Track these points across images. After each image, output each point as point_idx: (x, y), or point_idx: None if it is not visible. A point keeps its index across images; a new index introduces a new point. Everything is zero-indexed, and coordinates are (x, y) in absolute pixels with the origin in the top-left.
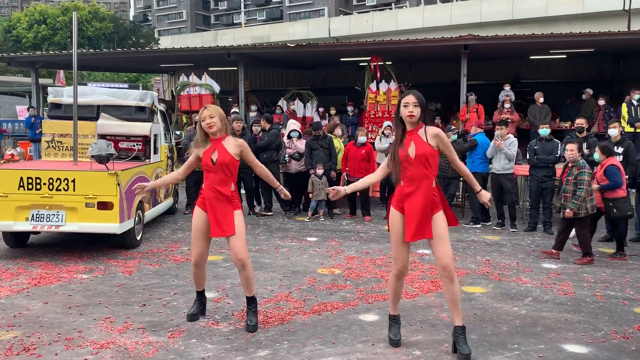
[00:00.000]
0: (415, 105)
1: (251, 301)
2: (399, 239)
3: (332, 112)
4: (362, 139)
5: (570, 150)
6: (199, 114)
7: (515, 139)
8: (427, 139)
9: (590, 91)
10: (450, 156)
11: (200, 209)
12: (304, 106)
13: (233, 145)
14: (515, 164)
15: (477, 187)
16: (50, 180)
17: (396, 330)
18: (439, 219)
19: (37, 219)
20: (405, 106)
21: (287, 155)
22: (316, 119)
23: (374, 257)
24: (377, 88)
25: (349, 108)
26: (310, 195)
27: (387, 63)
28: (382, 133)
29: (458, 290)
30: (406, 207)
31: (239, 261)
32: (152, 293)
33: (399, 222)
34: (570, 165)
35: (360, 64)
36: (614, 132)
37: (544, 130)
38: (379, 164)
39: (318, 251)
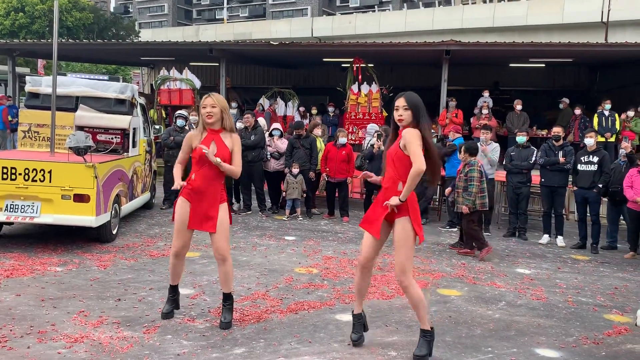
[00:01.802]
0: (405, 109)
1: (227, 298)
2: (367, 234)
3: (314, 112)
4: (342, 140)
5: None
6: (202, 100)
7: (497, 144)
8: (400, 139)
9: (566, 100)
10: (410, 154)
11: (185, 200)
12: (285, 105)
13: (230, 141)
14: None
15: (404, 197)
16: (26, 171)
17: (357, 329)
18: (398, 227)
19: (12, 210)
20: (395, 109)
21: (268, 154)
22: (297, 118)
23: (352, 257)
24: (359, 90)
25: (330, 109)
26: (284, 193)
27: (369, 65)
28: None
29: (415, 298)
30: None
31: (219, 255)
32: (127, 288)
33: (373, 214)
34: (463, 163)
35: (343, 65)
36: (590, 141)
37: (521, 138)
38: (359, 167)
39: (296, 250)
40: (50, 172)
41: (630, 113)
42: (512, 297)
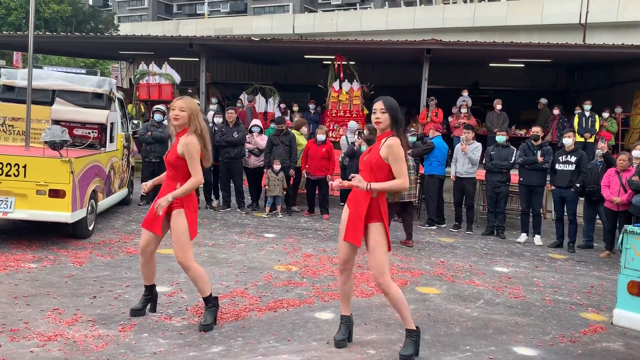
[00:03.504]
0: (382, 112)
1: (207, 300)
2: (341, 234)
3: (295, 109)
4: (320, 136)
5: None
6: (172, 102)
7: (479, 144)
8: (380, 148)
9: (544, 101)
10: (394, 171)
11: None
12: (266, 101)
13: (182, 143)
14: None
15: (376, 187)
16: (0, 165)
17: (343, 331)
18: (372, 230)
19: None
20: (373, 112)
21: (246, 150)
22: (277, 115)
23: (331, 255)
24: (340, 87)
25: (311, 106)
26: (266, 187)
27: (350, 63)
28: (359, 134)
29: (396, 298)
30: (349, 207)
31: (179, 263)
32: (103, 285)
33: (344, 218)
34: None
35: (324, 62)
36: (568, 141)
37: (500, 137)
38: (342, 163)
39: (275, 248)
40: (25, 166)
41: (605, 114)
42: (490, 296)
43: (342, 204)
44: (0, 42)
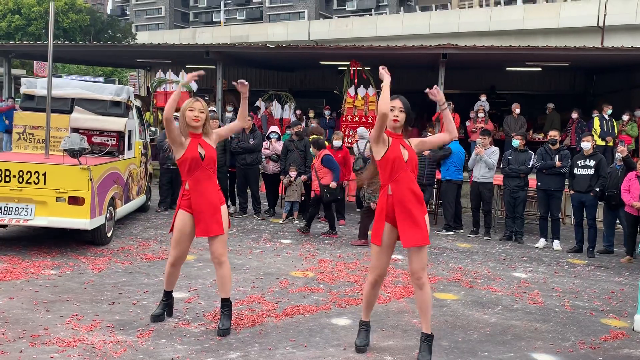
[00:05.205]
0: (400, 110)
1: (225, 303)
2: (381, 248)
3: (311, 115)
4: (337, 142)
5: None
6: (187, 103)
7: (497, 148)
8: (412, 146)
9: (551, 105)
10: (433, 144)
11: (184, 212)
12: (282, 108)
13: (211, 138)
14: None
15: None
16: (20, 173)
17: (363, 337)
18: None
19: (5, 212)
20: (391, 110)
21: (263, 157)
22: (293, 121)
23: (348, 261)
24: (356, 93)
25: (326, 112)
26: (283, 194)
27: (365, 68)
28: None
29: (428, 297)
30: (397, 211)
31: (216, 259)
32: (121, 291)
33: (385, 232)
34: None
35: (339, 68)
36: (586, 145)
37: (515, 142)
38: (355, 169)
39: (292, 254)
40: (44, 174)
41: (625, 117)
42: (509, 301)
43: (359, 210)
44: (21, 52)
